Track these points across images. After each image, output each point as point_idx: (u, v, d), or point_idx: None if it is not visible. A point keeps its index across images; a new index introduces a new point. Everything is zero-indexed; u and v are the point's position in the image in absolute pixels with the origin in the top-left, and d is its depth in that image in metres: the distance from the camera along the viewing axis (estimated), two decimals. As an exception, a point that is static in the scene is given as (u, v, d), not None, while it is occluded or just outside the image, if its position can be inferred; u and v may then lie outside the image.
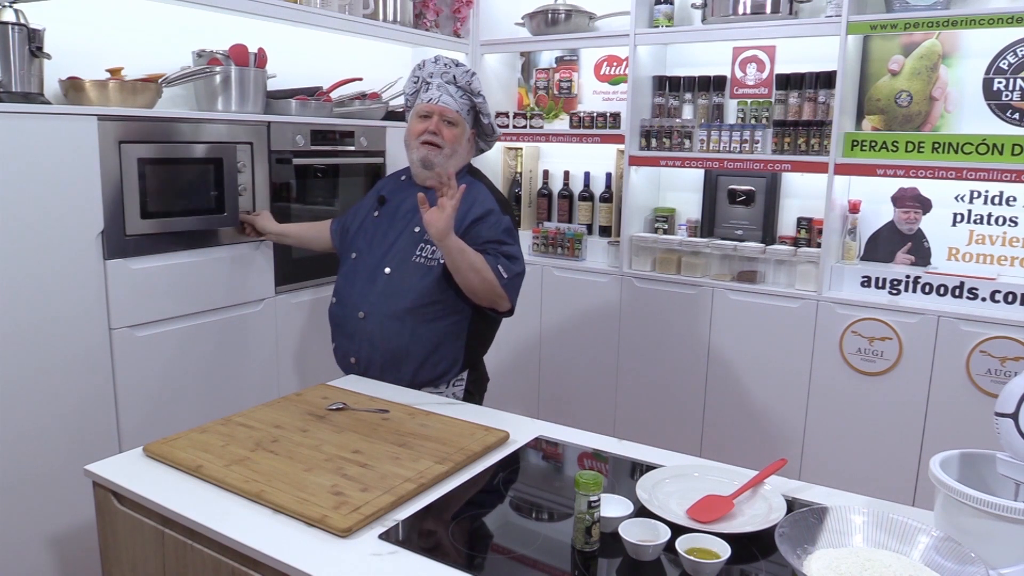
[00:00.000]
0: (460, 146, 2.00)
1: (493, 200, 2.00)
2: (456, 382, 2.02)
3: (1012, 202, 2.57)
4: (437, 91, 1.97)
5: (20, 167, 1.75)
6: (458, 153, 2.00)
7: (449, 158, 1.97)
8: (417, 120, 2.00)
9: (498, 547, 1.20)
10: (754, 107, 2.95)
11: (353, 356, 2.00)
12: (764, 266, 2.86)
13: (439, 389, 1.99)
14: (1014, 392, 1.10)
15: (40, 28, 1.83)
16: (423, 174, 2.00)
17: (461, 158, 2.02)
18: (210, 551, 1.22)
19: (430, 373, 1.96)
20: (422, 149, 1.97)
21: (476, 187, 2.01)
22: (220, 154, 2.19)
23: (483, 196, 1.99)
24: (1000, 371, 2.39)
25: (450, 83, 1.99)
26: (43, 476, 1.86)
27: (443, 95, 1.96)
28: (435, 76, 2.01)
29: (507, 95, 3.55)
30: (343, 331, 2.02)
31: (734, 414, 2.87)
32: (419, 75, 2.05)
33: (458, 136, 1.98)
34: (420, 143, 1.97)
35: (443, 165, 1.95)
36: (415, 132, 1.98)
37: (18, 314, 1.78)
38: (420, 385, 1.95)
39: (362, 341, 1.97)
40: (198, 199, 2.17)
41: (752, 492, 1.31)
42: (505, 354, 3.41)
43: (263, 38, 2.48)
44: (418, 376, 1.95)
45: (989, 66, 2.56)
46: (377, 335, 1.94)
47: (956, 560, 1.02)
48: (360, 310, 1.96)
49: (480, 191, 2.00)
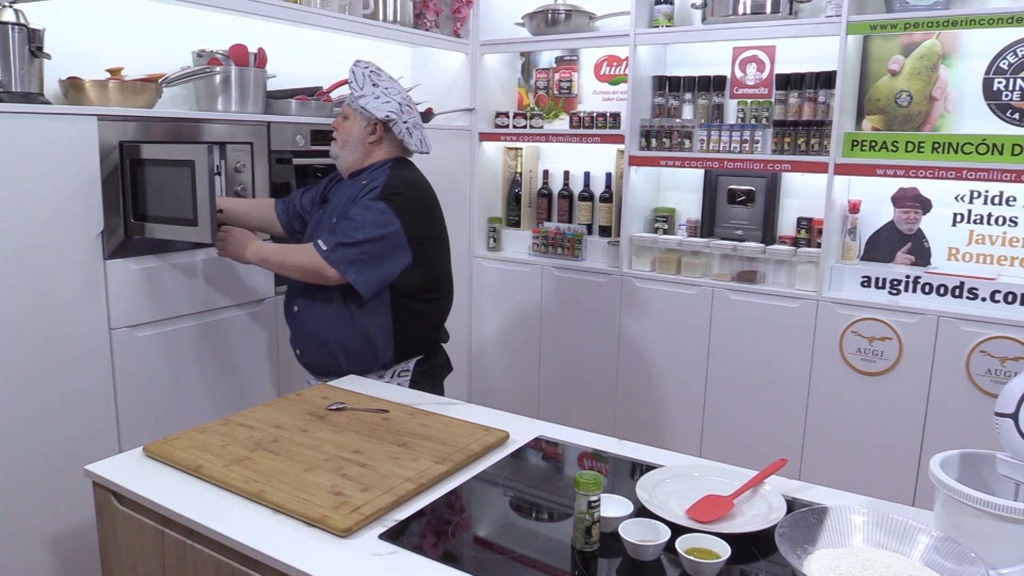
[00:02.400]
0: (350, 136, 2.02)
1: (386, 182, 1.96)
2: (402, 372, 2.05)
3: (1012, 202, 2.57)
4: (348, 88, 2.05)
5: (20, 167, 1.75)
6: (350, 144, 2.03)
7: (342, 148, 2.04)
8: None
9: (498, 547, 1.20)
10: (754, 107, 2.95)
11: (297, 348, 2.09)
12: (764, 266, 2.86)
13: (382, 379, 2.03)
14: (1014, 392, 1.10)
15: (40, 28, 1.83)
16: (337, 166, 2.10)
17: (356, 151, 2.02)
18: (210, 551, 1.22)
19: (364, 363, 2.01)
20: None
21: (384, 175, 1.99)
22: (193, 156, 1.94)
23: (378, 180, 1.97)
24: (1000, 371, 2.39)
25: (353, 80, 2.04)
26: (43, 476, 1.86)
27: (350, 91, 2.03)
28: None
29: (507, 95, 3.55)
30: (288, 324, 2.12)
31: (734, 414, 2.87)
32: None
33: (347, 128, 2.03)
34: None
35: (337, 155, 2.05)
36: None
37: (18, 314, 1.78)
38: (357, 373, 2.01)
39: (301, 334, 2.06)
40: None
41: (752, 492, 1.31)
42: (505, 354, 3.41)
43: (263, 38, 2.48)
44: (352, 367, 2.01)
45: (989, 66, 2.56)
46: (308, 327, 2.03)
47: (956, 560, 1.02)
48: (294, 304, 2.05)
49: (381, 176, 1.99)
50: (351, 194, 2.01)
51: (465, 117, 3.38)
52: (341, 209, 1.99)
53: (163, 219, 1.98)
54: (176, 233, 1.97)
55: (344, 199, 2.02)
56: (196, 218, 1.92)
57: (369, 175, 2.02)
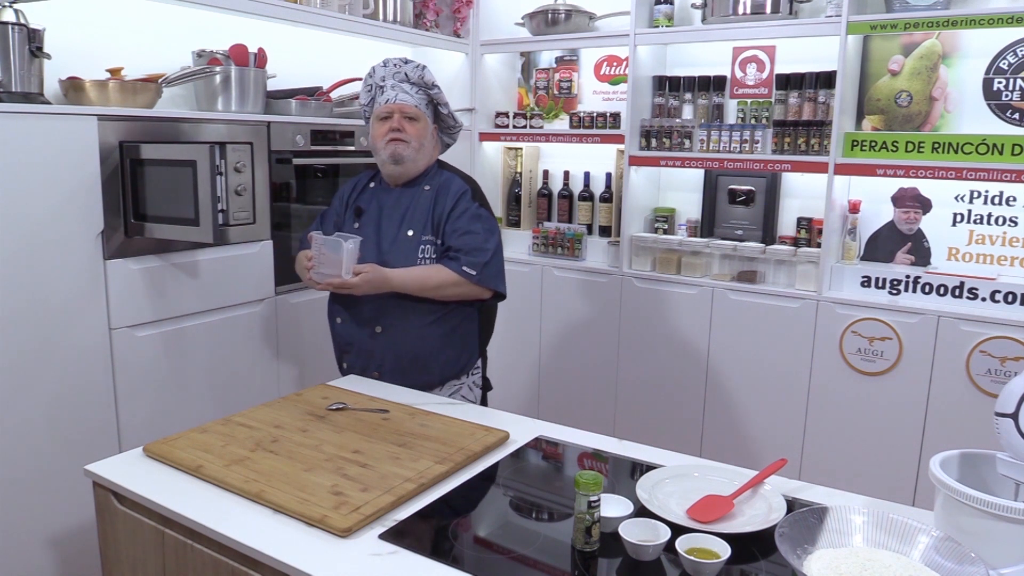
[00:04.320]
0: (425, 139, 1.99)
1: (464, 184, 2.02)
2: (474, 371, 2.08)
3: (1012, 202, 2.57)
4: (392, 91, 1.97)
5: (20, 167, 1.75)
6: (425, 147, 1.99)
7: (418, 151, 1.97)
8: (379, 123, 1.99)
9: (498, 547, 1.20)
10: (754, 107, 2.95)
11: (375, 370, 1.98)
12: (764, 266, 2.86)
13: (461, 381, 2.05)
14: (1014, 392, 1.10)
15: (40, 28, 1.83)
16: (395, 172, 1.99)
17: (428, 153, 2.02)
18: (210, 551, 1.22)
19: (454, 368, 2.02)
20: (390, 146, 1.95)
21: (449, 178, 2.03)
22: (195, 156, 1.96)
23: (455, 184, 2.01)
24: (1000, 371, 2.39)
25: (403, 81, 1.99)
26: (43, 476, 1.86)
27: (399, 93, 1.96)
28: (387, 79, 2.00)
29: (507, 95, 3.55)
30: (357, 349, 2.00)
31: (734, 414, 2.87)
32: (371, 82, 2.03)
33: (421, 130, 1.98)
34: (387, 141, 1.96)
35: (413, 160, 1.97)
36: (379, 135, 1.98)
37: (18, 314, 1.78)
38: (444, 381, 2.01)
39: (384, 355, 1.96)
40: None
41: (752, 492, 1.31)
42: (505, 354, 3.41)
43: (263, 38, 2.48)
44: (444, 373, 2.00)
45: (989, 66, 2.56)
46: (400, 346, 1.95)
47: (956, 560, 1.02)
48: (377, 325, 1.96)
49: (452, 181, 2.02)
50: (424, 204, 1.96)
51: (465, 117, 3.38)
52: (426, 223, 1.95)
53: (165, 219, 1.97)
54: (178, 233, 1.97)
55: (417, 210, 1.96)
56: (198, 218, 1.92)
57: (429, 180, 2.01)
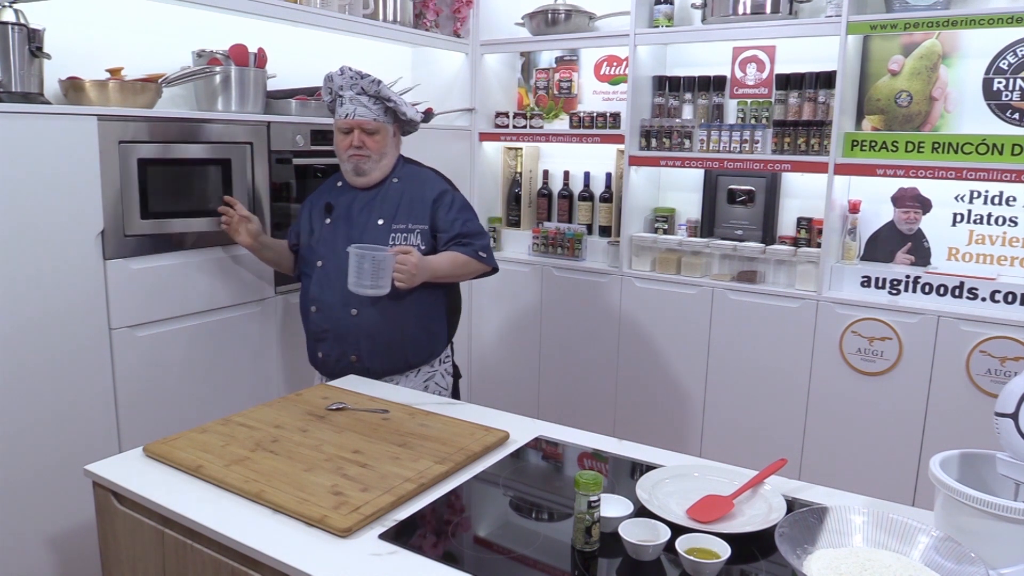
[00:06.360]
0: (386, 148, 2.09)
1: (440, 179, 2.17)
2: (444, 358, 2.17)
3: (1012, 202, 2.57)
4: (351, 104, 2.04)
5: (20, 167, 1.75)
6: (387, 154, 2.10)
7: (379, 162, 2.08)
8: (341, 135, 2.08)
9: (498, 547, 1.20)
10: (754, 107, 2.94)
11: (353, 354, 2.03)
12: (764, 266, 2.86)
13: (433, 368, 2.12)
14: (1014, 392, 1.10)
15: (40, 28, 1.83)
16: (359, 181, 2.09)
17: (391, 156, 2.13)
18: (210, 551, 1.22)
19: (425, 352, 2.09)
20: (352, 160, 2.06)
21: (419, 171, 2.17)
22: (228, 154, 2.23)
23: (430, 179, 2.15)
24: (1000, 371, 2.39)
25: (360, 94, 2.04)
26: (43, 476, 1.86)
27: (357, 107, 2.03)
28: (345, 89, 2.05)
29: (507, 95, 3.55)
30: (333, 334, 2.05)
31: (734, 414, 2.87)
32: (331, 87, 2.09)
33: (381, 141, 2.07)
34: (348, 156, 2.07)
35: (375, 169, 2.08)
36: (342, 147, 2.07)
37: (18, 314, 1.78)
38: (419, 364, 2.08)
39: (359, 337, 2.02)
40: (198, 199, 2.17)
41: (752, 492, 1.31)
42: (505, 354, 3.41)
43: (263, 38, 2.48)
44: (418, 354, 2.07)
45: (989, 66, 2.56)
46: (374, 327, 2.01)
47: (956, 560, 1.02)
48: (351, 308, 2.00)
49: (424, 174, 2.17)
50: (393, 195, 2.07)
51: (465, 117, 3.38)
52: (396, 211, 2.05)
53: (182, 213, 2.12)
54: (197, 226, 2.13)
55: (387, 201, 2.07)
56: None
57: (396, 172, 2.12)
